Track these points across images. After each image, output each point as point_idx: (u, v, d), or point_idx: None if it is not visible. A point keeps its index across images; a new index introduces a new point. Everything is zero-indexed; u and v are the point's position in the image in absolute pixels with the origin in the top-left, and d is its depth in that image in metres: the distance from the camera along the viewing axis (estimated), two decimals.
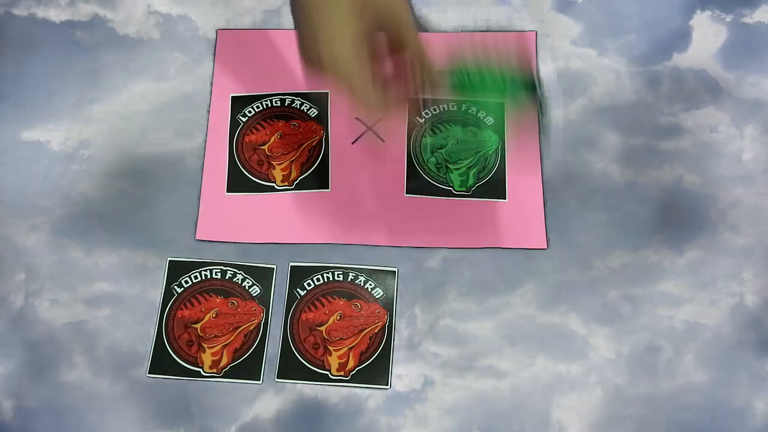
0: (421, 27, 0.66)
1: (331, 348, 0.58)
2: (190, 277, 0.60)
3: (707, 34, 0.71)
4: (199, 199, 0.63)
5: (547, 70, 0.69)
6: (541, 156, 0.65)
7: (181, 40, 0.71)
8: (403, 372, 0.60)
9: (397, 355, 0.60)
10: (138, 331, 0.62)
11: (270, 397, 0.59)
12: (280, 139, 0.65)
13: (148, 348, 0.61)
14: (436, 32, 0.69)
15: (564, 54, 0.70)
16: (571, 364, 0.61)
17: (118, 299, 0.63)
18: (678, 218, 0.65)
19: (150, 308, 0.62)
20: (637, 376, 0.61)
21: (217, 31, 0.69)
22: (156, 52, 0.71)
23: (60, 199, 0.66)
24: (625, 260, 0.64)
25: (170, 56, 0.71)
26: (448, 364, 0.60)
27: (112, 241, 0.65)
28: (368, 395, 0.59)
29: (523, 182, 0.64)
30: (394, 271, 0.61)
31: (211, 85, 0.68)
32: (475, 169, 0.64)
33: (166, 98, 0.69)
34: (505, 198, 0.64)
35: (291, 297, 0.60)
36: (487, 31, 0.70)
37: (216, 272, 0.60)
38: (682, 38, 0.71)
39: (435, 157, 0.65)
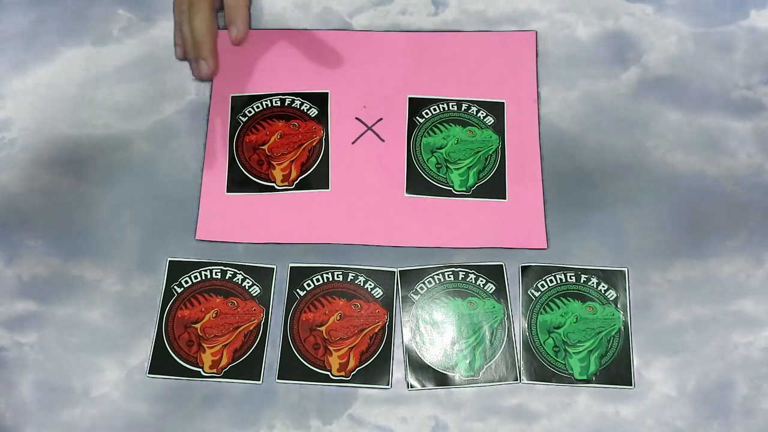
0: None
1: (331, 348, 0.59)
2: (190, 277, 0.61)
3: None
4: (198, 199, 0.63)
5: (592, 32, 0.58)
6: (541, 155, 0.64)
7: None
8: (407, 413, 0.54)
9: (405, 412, 0.53)
10: (73, 362, 0.53)
11: None
12: (280, 139, 0.66)
13: (86, 382, 0.53)
14: (441, 32, 0.68)
15: (613, 11, 0.59)
16: (621, 404, 0.52)
17: (48, 322, 0.54)
18: (756, 219, 0.54)
19: (89, 332, 0.54)
20: (705, 419, 0.51)
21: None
22: (95, 8, 0.60)
23: None
24: (689, 272, 0.54)
25: (113, 13, 0.60)
26: (465, 404, 0.53)
27: (39, 249, 0.55)
28: None
29: (523, 182, 0.64)
30: (394, 271, 0.61)
31: (211, 84, 0.66)
32: (475, 169, 0.64)
33: (109, 66, 0.59)
34: (505, 198, 0.63)
35: (291, 297, 0.61)
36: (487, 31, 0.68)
37: (216, 272, 0.61)
38: None
39: (435, 157, 0.65)
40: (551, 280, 0.60)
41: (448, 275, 0.61)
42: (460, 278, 0.61)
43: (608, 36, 0.60)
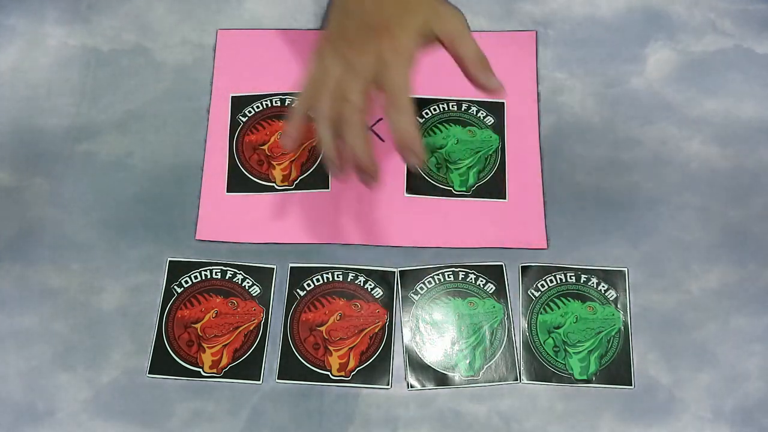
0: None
1: (331, 348, 0.59)
2: (190, 277, 0.61)
3: None
4: (198, 199, 0.63)
5: (616, 8, 0.51)
6: (541, 155, 0.64)
7: None
8: None
9: (405, 412, 0.50)
10: (38, 376, 0.48)
11: None
12: (281, 138, 0.65)
13: (52, 402, 0.49)
14: None
15: None
16: (651, 427, 0.47)
17: (9, 333, 0.50)
18: None
19: (55, 344, 0.48)
20: None
21: (217, 31, 0.69)
22: None
23: None
24: (727, 279, 0.49)
25: None
26: (475, 427, 0.50)
27: None
28: None
29: (523, 182, 0.64)
30: (394, 271, 0.61)
31: (211, 84, 0.66)
32: (475, 169, 0.65)
33: (73, 49, 0.53)
34: (505, 198, 0.64)
35: (291, 297, 0.61)
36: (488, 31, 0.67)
37: (216, 272, 0.61)
38: None
39: (435, 157, 0.65)
40: (551, 280, 0.60)
41: (448, 275, 0.61)
42: (460, 278, 0.61)
43: (635, 12, 0.53)
